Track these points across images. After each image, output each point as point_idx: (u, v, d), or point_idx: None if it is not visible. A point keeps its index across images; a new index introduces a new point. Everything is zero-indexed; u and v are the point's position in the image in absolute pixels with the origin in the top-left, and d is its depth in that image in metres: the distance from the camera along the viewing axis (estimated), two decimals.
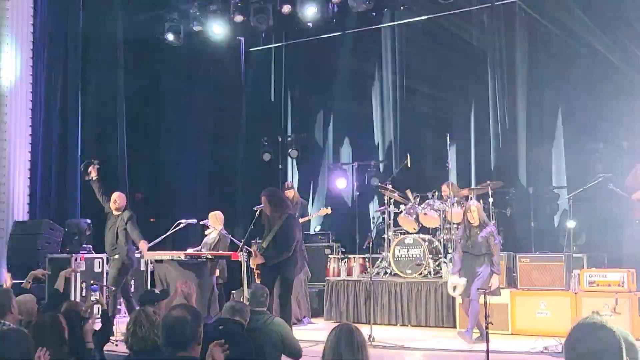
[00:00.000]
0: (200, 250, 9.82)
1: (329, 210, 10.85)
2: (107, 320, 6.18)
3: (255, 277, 7.98)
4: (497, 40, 12.42)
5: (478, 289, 7.80)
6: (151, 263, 9.97)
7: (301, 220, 10.51)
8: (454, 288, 8.41)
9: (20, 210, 11.87)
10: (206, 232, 10.18)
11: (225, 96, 14.67)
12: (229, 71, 14.73)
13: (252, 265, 8.05)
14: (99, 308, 6.60)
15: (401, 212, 10.55)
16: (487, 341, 6.45)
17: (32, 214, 11.98)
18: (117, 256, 9.11)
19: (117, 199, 9.27)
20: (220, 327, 3.63)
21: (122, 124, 13.14)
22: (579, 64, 11.32)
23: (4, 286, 7.07)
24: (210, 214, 10.12)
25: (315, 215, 11.03)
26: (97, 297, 8.13)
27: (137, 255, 9.69)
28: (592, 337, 2.43)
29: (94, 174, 9.37)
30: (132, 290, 10.06)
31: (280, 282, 7.83)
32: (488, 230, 8.28)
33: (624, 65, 10.48)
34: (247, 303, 6.00)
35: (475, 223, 8.28)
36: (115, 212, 9.24)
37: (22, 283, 6.93)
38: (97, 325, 5.81)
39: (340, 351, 3.43)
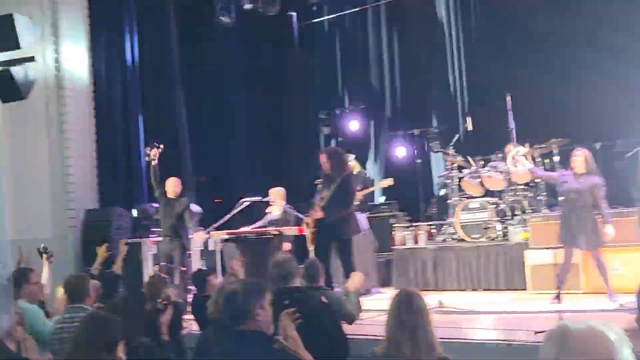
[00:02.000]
0: (265, 228, 9.89)
1: (390, 182, 10.73)
2: (178, 311, 6.20)
3: (309, 241, 7.90)
4: None
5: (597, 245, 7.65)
6: (219, 243, 10.12)
7: (364, 192, 10.47)
8: (516, 158, 8.50)
9: (90, 199, 12.18)
10: (268, 210, 10.24)
11: (281, 72, 14.68)
12: (283, 46, 14.73)
13: (306, 228, 7.99)
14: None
15: (465, 176, 10.42)
16: (559, 300, 6.36)
17: (102, 202, 12.28)
18: (178, 239, 9.35)
19: (176, 184, 9.50)
20: (286, 302, 3.62)
21: (182, 108, 13.30)
22: None
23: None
24: (272, 190, 10.16)
25: (377, 187, 10.95)
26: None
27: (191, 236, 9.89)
28: None
29: (154, 157, 9.55)
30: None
31: (337, 245, 7.81)
32: (594, 180, 7.72)
33: None
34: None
35: (580, 171, 7.77)
36: (173, 197, 9.44)
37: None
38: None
39: (401, 317, 3.43)
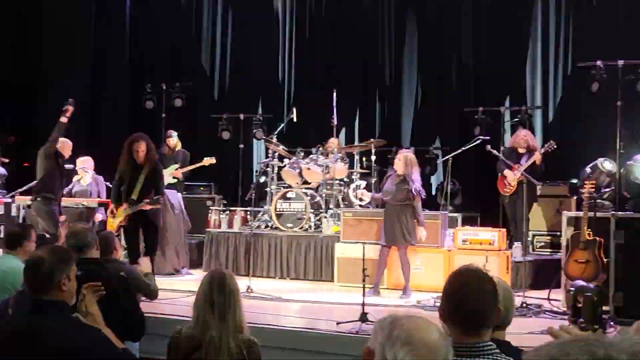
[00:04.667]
0: (74, 196, 9.51)
1: (213, 160, 10.62)
2: None
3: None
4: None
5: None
6: (23, 208, 9.58)
7: (183, 170, 10.33)
8: (358, 197, 8.91)
9: None
10: (75, 178, 9.81)
11: (109, 41, 14.11)
12: (112, 14, 14.15)
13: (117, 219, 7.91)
14: None
15: (285, 165, 10.54)
16: (364, 294, 6.61)
17: None
18: None
19: None
20: (79, 274, 3.38)
21: None
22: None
23: None
24: (80, 159, 9.73)
25: (198, 165, 10.81)
26: None
27: None
28: (471, 281, 2.52)
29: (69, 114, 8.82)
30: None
31: (149, 230, 7.96)
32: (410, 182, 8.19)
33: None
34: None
35: (400, 172, 8.23)
36: None
37: None
38: None
39: (212, 297, 3.40)
